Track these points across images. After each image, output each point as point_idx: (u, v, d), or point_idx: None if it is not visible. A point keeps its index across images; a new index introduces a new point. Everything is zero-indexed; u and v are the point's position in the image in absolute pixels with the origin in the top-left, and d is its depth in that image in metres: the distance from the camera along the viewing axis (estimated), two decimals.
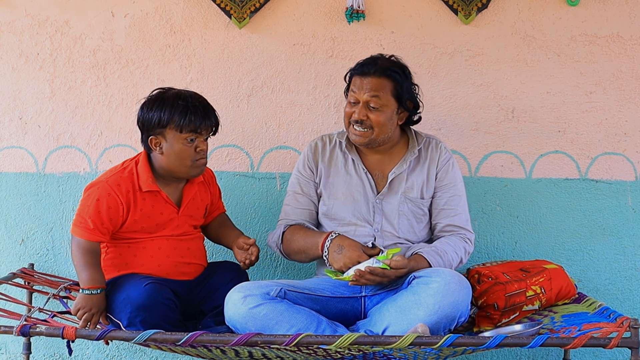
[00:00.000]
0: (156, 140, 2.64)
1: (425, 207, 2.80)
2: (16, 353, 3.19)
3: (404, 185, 2.78)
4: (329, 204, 2.81)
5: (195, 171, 2.68)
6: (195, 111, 2.60)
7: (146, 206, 2.66)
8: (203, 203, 2.82)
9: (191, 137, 2.61)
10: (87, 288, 2.54)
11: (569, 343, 2.25)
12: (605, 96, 3.22)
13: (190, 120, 2.59)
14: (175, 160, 2.64)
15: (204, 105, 2.65)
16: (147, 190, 2.65)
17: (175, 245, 2.71)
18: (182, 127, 2.59)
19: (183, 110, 2.59)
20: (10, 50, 3.20)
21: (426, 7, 3.20)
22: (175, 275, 2.67)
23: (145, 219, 2.66)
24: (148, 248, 2.67)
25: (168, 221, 2.70)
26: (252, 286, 2.56)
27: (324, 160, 2.84)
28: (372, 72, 2.67)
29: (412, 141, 2.81)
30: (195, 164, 2.65)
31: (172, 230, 2.70)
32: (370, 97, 2.67)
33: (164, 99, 2.63)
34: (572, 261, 3.22)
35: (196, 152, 2.64)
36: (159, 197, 2.68)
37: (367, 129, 2.69)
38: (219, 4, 3.16)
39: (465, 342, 2.26)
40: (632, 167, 3.22)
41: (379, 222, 2.76)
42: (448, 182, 2.81)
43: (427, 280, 2.49)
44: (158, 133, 2.62)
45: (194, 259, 2.76)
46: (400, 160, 2.79)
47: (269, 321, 2.46)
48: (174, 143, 2.62)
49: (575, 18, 3.20)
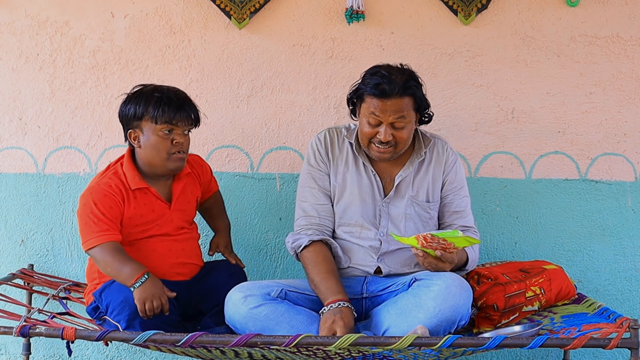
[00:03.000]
0: (134, 134, 2.66)
1: (431, 210, 2.77)
2: (16, 354, 3.19)
3: (411, 188, 2.73)
4: (338, 201, 2.76)
5: (172, 165, 2.66)
6: (170, 102, 2.61)
7: (138, 204, 2.66)
8: (193, 196, 2.82)
9: (167, 129, 2.62)
10: (137, 279, 2.50)
11: (568, 344, 2.25)
12: (605, 97, 3.22)
13: (163, 111, 2.60)
14: (152, 152, 2.64)
15: (180, 98, 2.66)
16: (136, 188, 2.65)
17: (170, 247, 2.70)
18: (156, 118, 2.60)
19: (157, 101, 2.61)
20: (10, 50, 3.20)
21: (426, 8, 3.20)
22: (171, 276, 2.67)
23: (137, 217, 2.66)
24: (143, 250, 2.66)
25: (160, 217, 2.70)
26: (252, 286, 2.56)
27: (334, 153, 2.77)
28: (395, 92, 2.55)
29: (419, 143, 2.75)
30: (172, 157, 2.65)
31: (165, 228, 2.70)
32: (397, 119, 2.58)
33: (141, 93, 2.66)
34: (571, 262, 3.22)
35: (173, 145, 2.63)
36: (149, 194, 2.68)
37: (392, 146, 2.63)
38: (218, 5, 3.16)
39: (464, 343, 2.26)
40: (631, 167, 3.22)
41: (384, 226, 2.73)
42: (457, 184, 2.78)
43: (428, 283, 2.48)
44: (135, 126, 2.65)
45: (190, 259, 2.76)
46: (406, 163, 2.74)
47: (269, 322, 2.45)
48: (150, 135, 2.63)
49: (575, 19, 3.20)
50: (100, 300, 2.61)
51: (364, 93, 2.61)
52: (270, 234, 3.22)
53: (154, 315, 2.48)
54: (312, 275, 2.61)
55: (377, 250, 2.72)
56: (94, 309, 2.66)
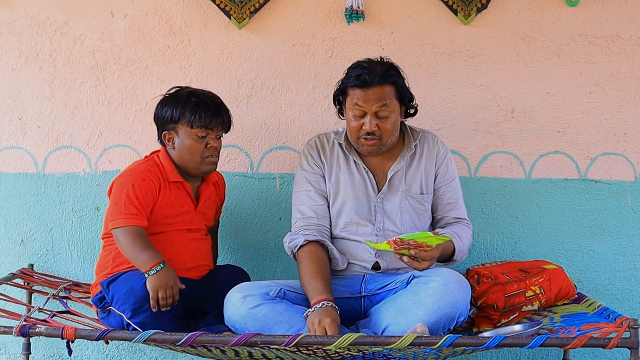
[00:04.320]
0: (169, 136, 2.73)
1: (426, 202, 2.80)
2: (16, 353, 3.19)
3: (404, 182, 2.77)
4: (333, 202, 2.79)
5: (205, 168, 2.75)
6: (207, 108, 2.70)
7: (171, 196, 2.73)
8: (214, 205, 2.92)
9: (202, 134, 2.70)
10: (153, 267, 2.51)
11: (568, 343, 2.25)
12: (605, 96, 3.22)
13: (200, 116, 2.68)
14: (187, 155, 2.72)
15: (216, 103, 2.75)
16: (173, 181, 2.73)
17: (187, 242, 2.75)
18: (192, 122, 2.68)
19: (195, 106, 2.69)
20: (9, 50, 3.20)
21: (426, 8, 3.20)
22: (181, 273, 2.66)
23: (168, 207, 2.72)
24: (161, 242, 2.69)
25: (186, 214, 2.76)
26: (251, 286, 2.56)
27: (326, 157, 2.82)
28: (376, 81, 2.62)
29: (408, 137, 2.80)
30: (205, 160, 2.73)
31: (188, 225, 2.75)
32: (379, 107, 2.63)
33: (178, 96, 2.74)
34: (571, 261, 3.22)
35: (206, 149, 2.72)
36: (182, 189, 2.76)
37: (377, 138, 2.68)
38: (218, 5, 3.16)
39: (464, 342, 2.26)
40: (631, 167, 3.22)
41: (380, 222, 2.76)
42: (449, 177, 2.82)
43: (426, 280, 2.49)
44: (171, 128, 2.72)
45: (202, 259, 2.80)
46: (397, 157, 2.78)
47: (268, 321, 2.46)
48: (185, 138, 2.70)
49: (575, 18, 3.20)
50: (107, 291, 2.63)
51: (347, 86, 2.69)
52: (270, 233, 3.22)
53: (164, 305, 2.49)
54: (302, 274, 2.64)
55: None
56: (100, 299, 2.68)
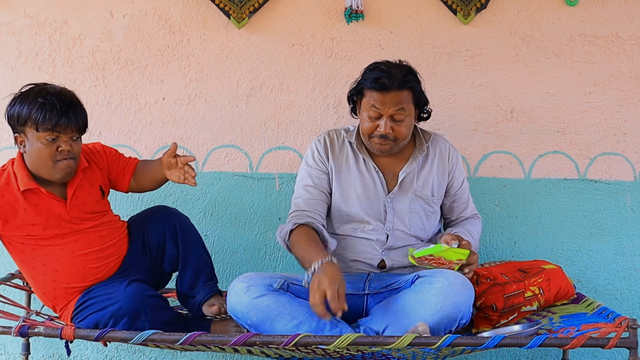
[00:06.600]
0: (20, 139, 2.52)
1: (434, 204, 2.82)
2: (15, 354, 3.19)
3: (415, 184, 2.78)
4: (341, 200, 2.79)
5: (59, 174, 2.52)
6: (52, 109, 2.45)
7: (29, 206, 2.52)
8: (94, 186, 2.67)
9: (50, 137, 2.47)
10: None
11: (567, 343, 2.25)
12: (604, 96, 3.22)
13: (45, 118, 2.44)
14: (37, 160, 2.50)
15: (66, 103, 2.49)
16: (25, 189, 2.51)
17: (87, 242, 2.60)
18: (38, 125, 2.45)
19: (40, 107, 2.45)
20: (9, 50, 3.20)
21: (425, 7, 3.20)
22: (108, 264, 2.61)
23: (32, 217, 2.52)
24: (50, 256, 2.56)
25: (59, 216, 2.56)
26: (256, 277, 2.56)
27: (334, 155, 2.81)
28: (394, 86, 2.62)
29: (420, 139, 2.81)
30: (58, 165, 2.50)
31: (65, 228, 2.57)
32: (396, 110, 2.64)
33: (27, 95, 2.50)
34: (570, 261, 3.22)
35: (57, 152, 2.49)
36: (40, 195, 2.54)
37: (392, 140, 2.68)
38: (217, 4, 3.16)
39: (463, 342, 2.25)
40: (630, 167, 3.22)
41: (390, 221, 2.77)
42: (461, 180, 2.88)
43: (430, 280, 2.49)
44: (20, 131, 2.51)
45: (111, 240, 2.66)
46: (409, 159, 2.79)
47: (270, 312, 2.45)
48: (33, 142, 2.48)
49: (574, 18, 3.20)
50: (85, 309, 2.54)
51: (364, 88, 2.67)
52: (269, 233, 3.22)
53: None
54: (297, 252, 2.60)
55: (383, 244, 2.75)
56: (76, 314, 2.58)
